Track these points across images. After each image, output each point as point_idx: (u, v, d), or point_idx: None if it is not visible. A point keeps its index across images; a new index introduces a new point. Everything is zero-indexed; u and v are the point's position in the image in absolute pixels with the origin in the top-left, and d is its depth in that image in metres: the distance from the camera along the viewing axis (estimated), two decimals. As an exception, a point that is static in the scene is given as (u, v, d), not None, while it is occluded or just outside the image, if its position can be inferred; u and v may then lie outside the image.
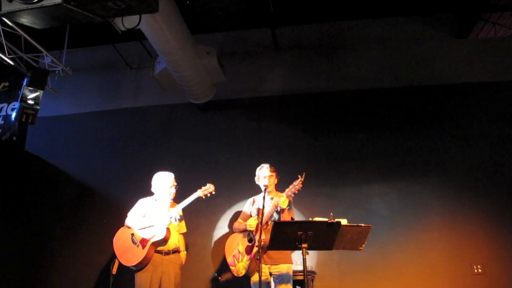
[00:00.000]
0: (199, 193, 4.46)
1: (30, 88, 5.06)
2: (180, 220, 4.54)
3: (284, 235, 3.51)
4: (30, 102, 5.06)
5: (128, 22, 4.27)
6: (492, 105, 6.03)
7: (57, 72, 5.55)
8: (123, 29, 4.38)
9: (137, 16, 3.93)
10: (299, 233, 3.45)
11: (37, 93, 5.10)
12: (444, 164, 5.95)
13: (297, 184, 3.93)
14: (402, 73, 6.31)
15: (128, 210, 4.58)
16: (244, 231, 4.38)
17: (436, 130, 6.07)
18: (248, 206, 4.56)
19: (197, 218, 5.87)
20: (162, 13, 4.18)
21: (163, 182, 4.58)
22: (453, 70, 6.25)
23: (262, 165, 4.48)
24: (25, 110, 5.06)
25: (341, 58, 6.53)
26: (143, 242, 4.32)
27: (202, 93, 6.13)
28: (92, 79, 7.09)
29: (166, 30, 4.77)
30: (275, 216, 4.16)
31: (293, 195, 3.99)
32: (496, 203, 5.67)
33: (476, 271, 5.50)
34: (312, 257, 5.68)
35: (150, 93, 6.86)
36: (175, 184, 4.61)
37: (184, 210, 4.59)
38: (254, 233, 4.22)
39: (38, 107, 5.16)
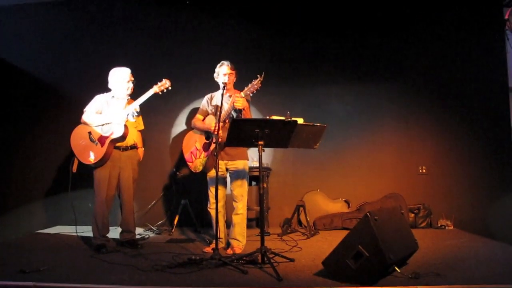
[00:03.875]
0: (155, 88, 4.38)
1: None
2: (137, 116, 4.51)
3: (241, 132, 3.56)
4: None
5: None
6: (450, 10, 5.97)
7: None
8: None
9: None
10: (256, 130, 3.51)
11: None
12: (401, 68, 6.03)
13: (255, 83, 3.88)
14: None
15: (84, 107, 4.47)
16: (207, 131, 4.40)
17: (394, 34, 6.03)
18: (206, 101, 4.53)
19: (155, 115, 5.85)
20: None
21: (120, 77, 4.43)
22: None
23: (223, 62, 4.38)
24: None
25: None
26: (102, 139, 4.30)
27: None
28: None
29: None
30: (233, 114, 4.18)
31: (251, 95, 3.97)
32: (446, 109, 5.90)
33: (421, 171, 5.90)
34: (268, 154, 5.88)
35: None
36: (132, 79, 4.50)
37: (142, 107, 4.54)
38: (213, 132, 4.25)
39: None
